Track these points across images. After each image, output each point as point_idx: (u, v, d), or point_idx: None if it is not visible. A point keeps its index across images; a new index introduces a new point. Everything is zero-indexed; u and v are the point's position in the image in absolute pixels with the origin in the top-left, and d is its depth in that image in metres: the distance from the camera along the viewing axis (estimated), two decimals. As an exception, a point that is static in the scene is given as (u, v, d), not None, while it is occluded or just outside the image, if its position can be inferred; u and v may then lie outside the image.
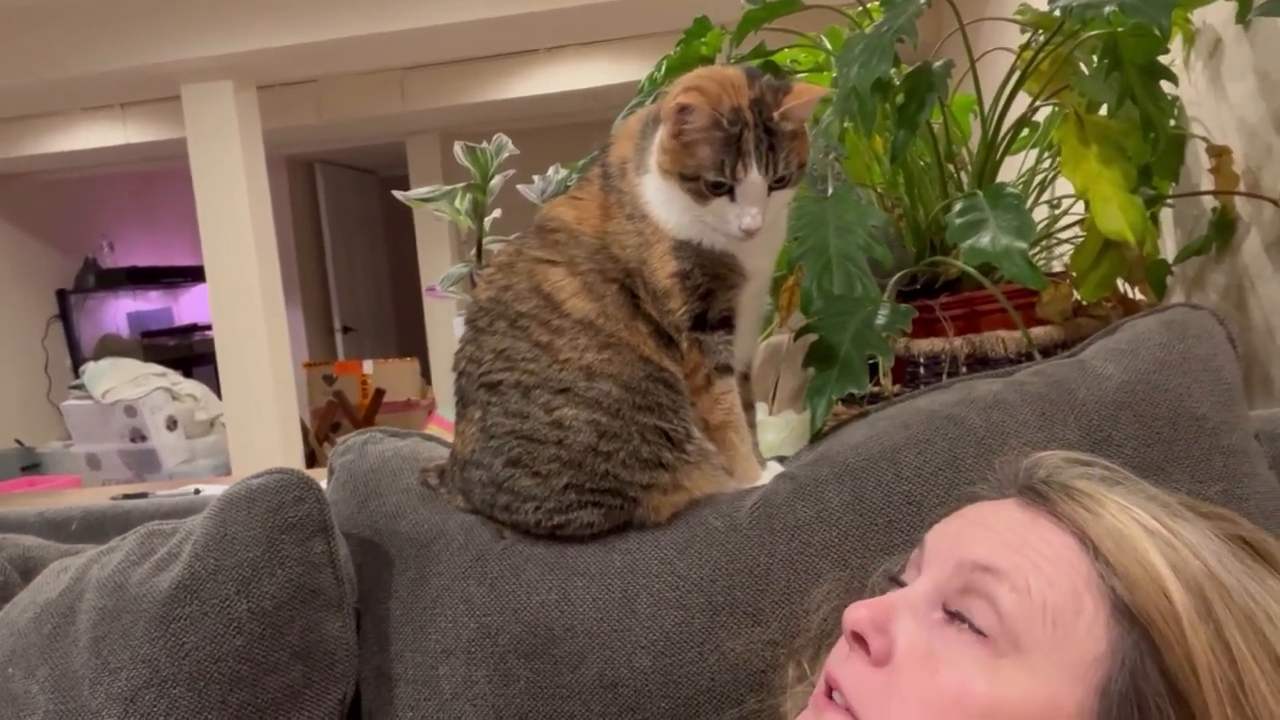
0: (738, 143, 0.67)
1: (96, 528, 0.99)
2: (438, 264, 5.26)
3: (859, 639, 0.50)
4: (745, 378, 0.80)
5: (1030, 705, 0.45)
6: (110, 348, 5.67)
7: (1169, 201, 1.26)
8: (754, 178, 0.68)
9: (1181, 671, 0.44)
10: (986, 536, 0.50)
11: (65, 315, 5.97)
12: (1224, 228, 1.16)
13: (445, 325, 5.26)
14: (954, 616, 0.48)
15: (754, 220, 0.69)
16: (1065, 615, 0.46)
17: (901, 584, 0.54)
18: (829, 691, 0.50)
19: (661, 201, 0.72)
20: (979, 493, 0.58)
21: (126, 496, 1.71)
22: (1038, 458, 0.55)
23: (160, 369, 4.43)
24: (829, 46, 1.18)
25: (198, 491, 1.69)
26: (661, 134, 0.70)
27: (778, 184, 0.70)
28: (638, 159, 0.74)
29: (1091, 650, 0.45)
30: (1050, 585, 0.47)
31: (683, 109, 0.67)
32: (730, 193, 0.69)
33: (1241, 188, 1.13)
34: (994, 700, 0.45)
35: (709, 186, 0.68)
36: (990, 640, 0.46)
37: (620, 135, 0.77)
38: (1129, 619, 0.45)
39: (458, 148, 1.12)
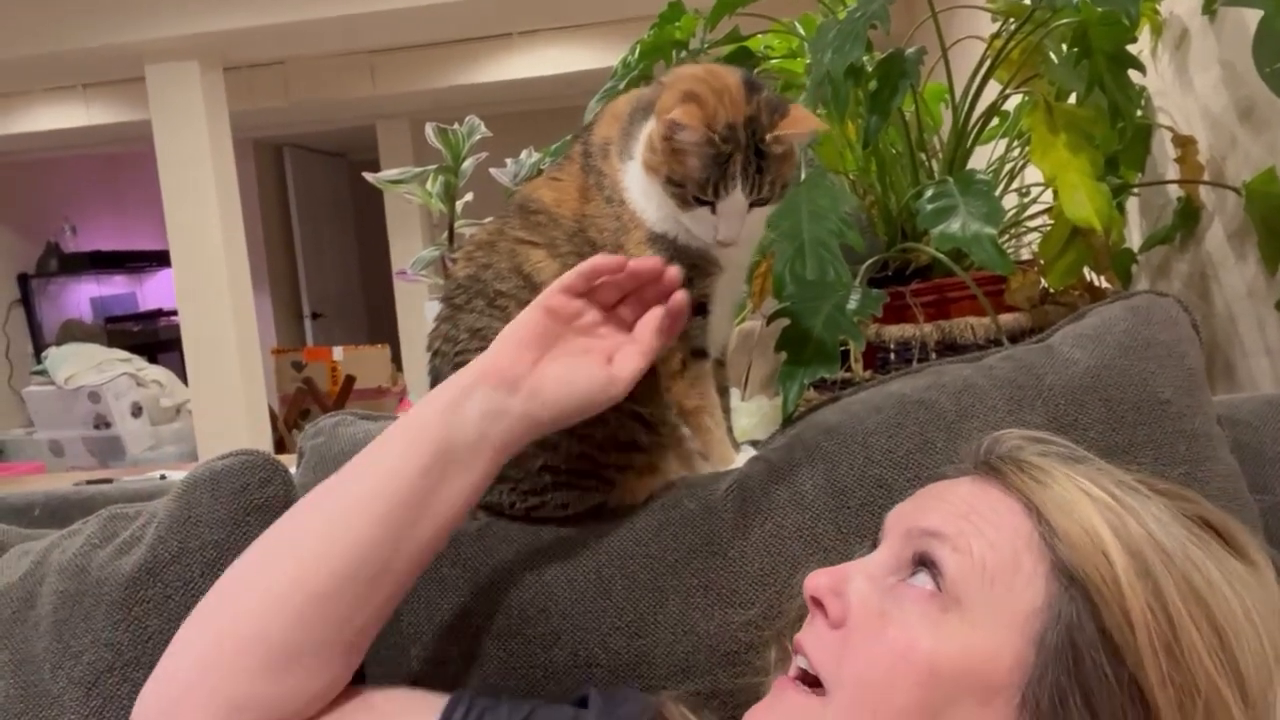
0: (726, 163, 0.67)
1: (60, 513, 0.97)
2: (408, 250, 5.20)
3: (818, 604, 0.53)
4: (720, 363, 0.80)
5: (971, 656, 0.48)
6: (73, 333, 5.57)
7: (1135, 191, 1.28)
8: (736, 198, 0.68)
9: (1118, 628, 0.46)
10: (938, 508, 0.54)
11: (27, 300, 5.85)
12: (1188, 217, 1.18)
13: (416, 312, 5.22)
14: (904, 580, 0.52)
15: (730, 234, 0.69)
16: (1004, 573, 0.49)
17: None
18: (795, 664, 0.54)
19: (641, 192, 0.71)
20: (944, 473, 0.60)
21: (90, 482, 1.68)
22: (997, 435, 0.58)
23: (125, 354, 4.36)
24: (802, 32, 1.18)
25: (163, 477, 1.67)
26: (652, 132, 0.69)
27: (759, 202, 0.70)
28: (623, 144, 0.72)
29: (1028, 604, 0.48)
30: (991, 547, 0.50)
31: (673, 124, 0.65)
32: (712, 205, 0.68)
33: (1206, 177, 1.15)
34: (937, 652, 0.48)
35: (692, 196, 0.68)
36: (936, 598, 0.50)
37: (605, 115, 0.76)
38: (1067, 577, 0.48)
39: (429, 129, 1.11)
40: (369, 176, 1.14)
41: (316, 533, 0.57)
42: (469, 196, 1.17)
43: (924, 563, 0.51)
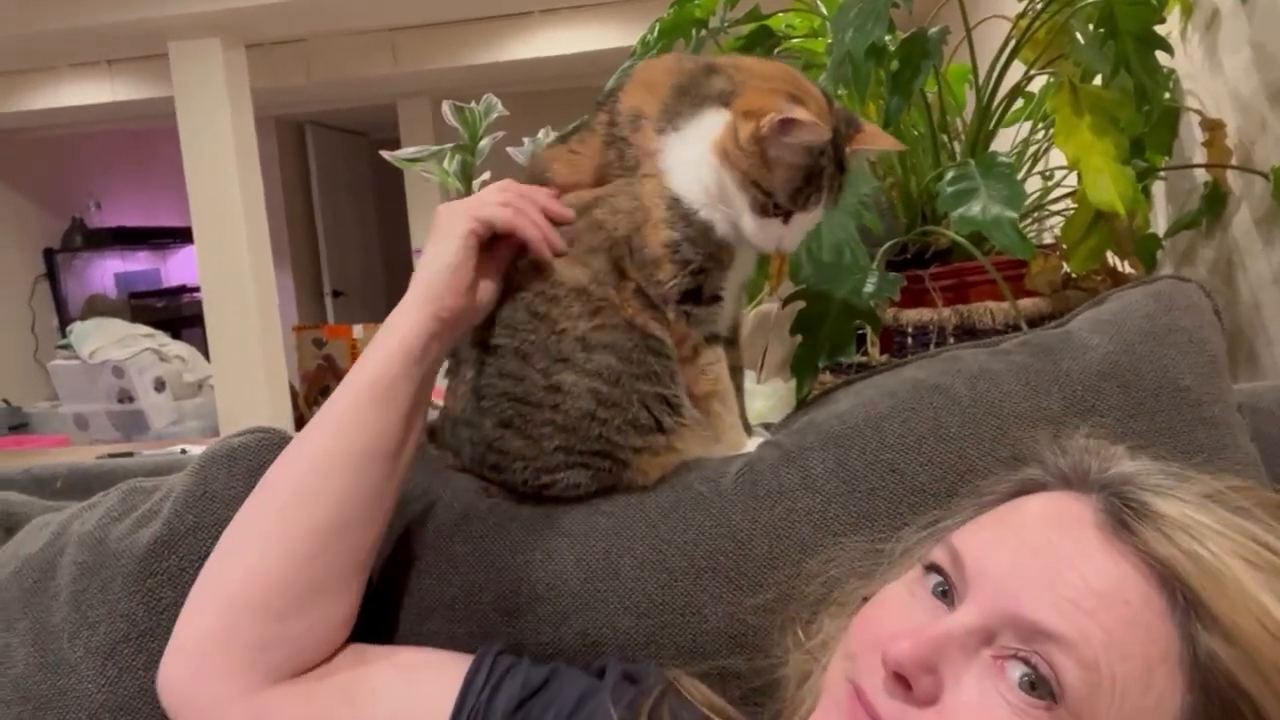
0: (818, 177, 0.66)
1: (81, 485, 0.98)
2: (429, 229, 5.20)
3: (900, 677, 0.45)
4: (732, 342, 0.79)
5: None
6: (98, 308, 5.63)
7: (1161, 174, 1.26)
8: (815, 212, 0.68)
9: None
10: (1050, 584, 0.44)
11: (52, 275, 5.91)
12: (1215, 202, 1.16)
13: (436, 291, 5.21)
14: (1006, 664, 0.44)
15: (793, 245, 0.69)
16: (1134, 691, 0.42)
17: (935, 568, 0.50)
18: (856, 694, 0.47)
19: (693, 175, 0.68)
20: (1035, 477, 0.53)
21: (112, 455, 1.70)
22: (1129, 468, 0.50)
23: (148, 330, 4.40)
24: (824, 11, 1.17)
25: (184, 451, 1.68)
26: (742, 132, 0.65)
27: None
28: (663, 119, 0.69)
29: None
30: (1123, 659, 0.42)
31: (788, 123, 0.63)
32: (787, 216, 0.68)
33: (1234, 162, 1.13)
34: None
35: (774, 205, 0.67)
36: (1048, 708, 0.43)
37: (635, 82, 0.72)
38: (1204, 690, 0.42)
39: (446, 107, 1.11)
40: (386, 154, 1.14)
41: (313, 486, 0.62)
42: (486, 175, 1.16)
43: (1037, 658, 0.43)
